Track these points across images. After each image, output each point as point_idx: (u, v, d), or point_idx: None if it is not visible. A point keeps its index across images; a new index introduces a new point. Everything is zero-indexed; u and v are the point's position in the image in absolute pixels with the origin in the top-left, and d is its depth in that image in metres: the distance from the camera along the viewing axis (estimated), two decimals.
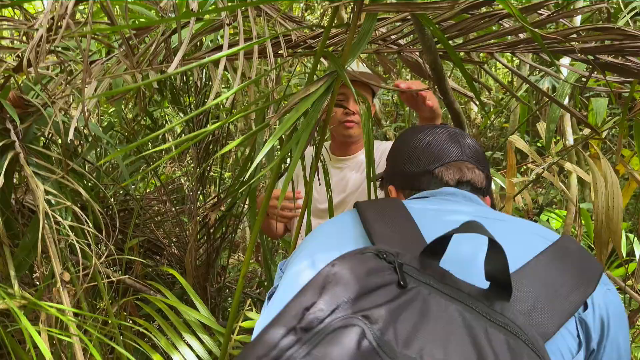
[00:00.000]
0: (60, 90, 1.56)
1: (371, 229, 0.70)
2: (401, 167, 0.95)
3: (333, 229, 0.82)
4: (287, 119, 0.92)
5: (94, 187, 2.12)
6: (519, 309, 0.58)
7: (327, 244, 0.77)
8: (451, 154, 0.91)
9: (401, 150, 0.97)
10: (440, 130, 0.95)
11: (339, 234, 0.79)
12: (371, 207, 0.78)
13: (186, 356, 1.58)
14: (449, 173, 0.90)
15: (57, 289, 1.41)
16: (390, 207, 0.77)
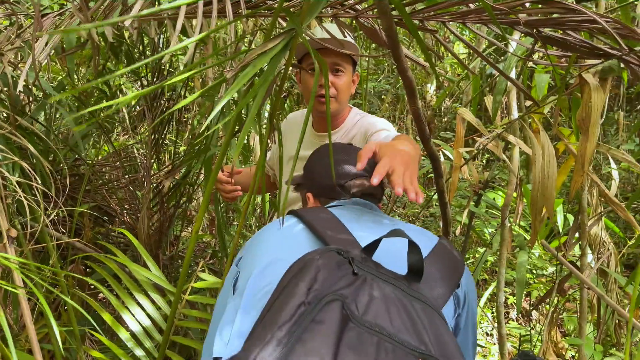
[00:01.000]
0: (10, 42, 1.51)
1: (324, 235, 0.92)
2: (318, 180, 1.21)
3: (288, 234, 1.00)
4: (244, 74, 0.94)
5: (43, 148, 2.06)
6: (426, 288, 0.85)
7: (289, 244, 0.96)
8: (355, 173, 1.17)
9: (318, 165, 1.24)
10: (349, 151, 1.24)
11: (297, 237, 0.97)
12: (314, 218, 0.99)
13: (136, 315, 1.59)
14: (355, 186, 1.17)
15: (4, 245, 1.38)
16: (328, 218, 0.99)
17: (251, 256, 0.98)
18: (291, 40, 0.97)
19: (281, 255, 0.92)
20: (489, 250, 2.18)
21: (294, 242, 0.97)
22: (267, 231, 1.04)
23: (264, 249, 0.98)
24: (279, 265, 0.84)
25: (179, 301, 1.37)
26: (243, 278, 0.93)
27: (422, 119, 1.30)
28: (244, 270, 0.95)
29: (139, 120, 4.52)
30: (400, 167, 0.99)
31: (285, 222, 1.04)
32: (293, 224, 1.02)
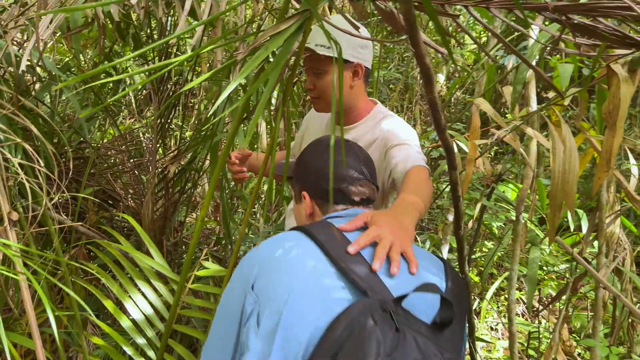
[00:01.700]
0: (14, 19, 1.47)
1: (351, 274, 0.90)
2: (314, 180, 1.16)
3: (310, 268, 0.93)
4: (256, 56, 0.89)
5: (47, 130, 2.02)
6: (448, 332, 0.90)
7: (317, 285, 0.91)
8: (355, 175, 1.15)
9: (314, 164, 1.17)
10: (349, 150, 1.19)
11: (323, 275, 0.92)
12: (336, 250, 0.94)
13: (138, 303, 1.56)
14: (354, 191, 1.14)
15: (4, 228, 1.35)
16: (340, 242, 0.96)
17: (272, 288, 0.92)
18: (305, 22, 0.92)
19: (312, 300, 0.89)
20: (498, 245, 2.13)
21: (324, 285, 0.91)
22: (285, 257, 0.96)
23: (288, 284, 0.91)
24: (312, 315, 0.87)
25: (182, 289, 1.34)
26: (269, 319, 0.89)
27: (438, 108, 1.25)
28: (268, 307, 0.90)
29: (145, 103, 4.49)
30: (388, 237, 0.96)
31: (299, 244, 0.98)
32: (312, 252, 0.96)
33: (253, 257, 1.00)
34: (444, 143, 1.34)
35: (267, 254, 0.98)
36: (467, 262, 1.74)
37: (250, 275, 0.95)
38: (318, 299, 0.89)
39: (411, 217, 1.09)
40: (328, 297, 0.89)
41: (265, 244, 1.02)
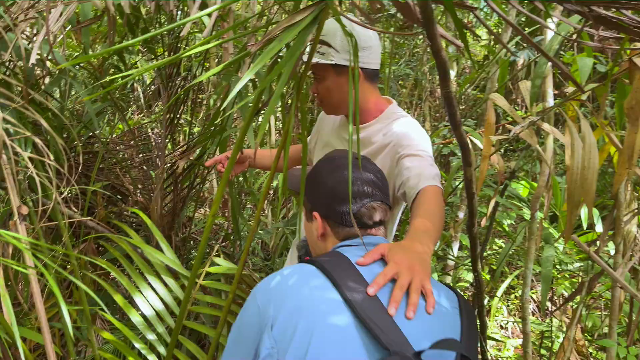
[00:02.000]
0: (24, 12, 1.45)
1: (370, 325, 0.88)
2: (326, 201, 1.12)
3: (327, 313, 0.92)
4: (270, 48, 0.87)
5: (57, 124, 2.02)
6: None
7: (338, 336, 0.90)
8: (367, 195, 1.11)
9: (326, 184, 1.13)
10: (365, 168, 1.15)
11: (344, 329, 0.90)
12: (350, 287, 0.93)
13: (149, 298, 1.55)
14: (367, 215, 1.11)
15: (14, 222, 1.34)
16: (360, 283, 0.95)
17: (291, 335, 0.91)
18: (321, 13, 0.90)
19: (333, 353, 0.89)
20: (510, 243, 2.10)
21: (344, 337, 0.90)
22: (304, 301, 0.95)
23: (308, 332, 0.90)
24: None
25: (193, 286, 1.33)
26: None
27: (454, 103, 1.22)
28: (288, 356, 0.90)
29: (154, 99, 4.48)
30: (406, 275, 0.96)
31: (317, 285, 0.96)
32: (331, 296, 0.94)
33: (269, 293, 0.98)
34: (459, 139, 1.32)
35: (284, 294, 0.96)
36: (480, 260, 1.72)
37: (266, 315, 0.94)
38: (340, 352, 0.89)
39: (428, 249, 1.08)
40: (349, 350, 0.89)
41: (281, 280, 0.99)
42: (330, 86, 1.55)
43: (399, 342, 0.87)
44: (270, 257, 3.39)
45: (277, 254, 3.32)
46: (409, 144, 1.49)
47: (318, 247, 1.17)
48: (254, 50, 0.89)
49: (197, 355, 1.59)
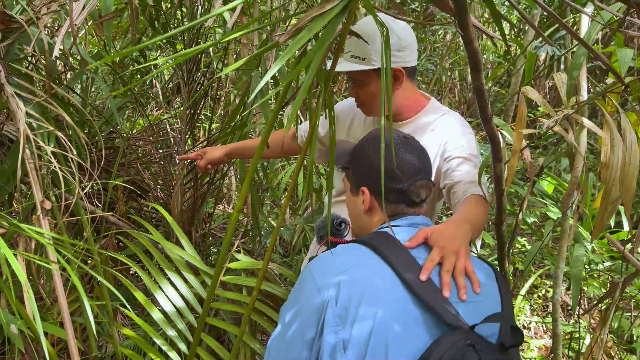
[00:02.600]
0: (46, 4, 1.45)
1: (431, 304, 0.95)
2: (376, 177, 1.13)
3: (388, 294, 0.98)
4: (299, 38, 0.84)
5: (79, 119, 2.01)
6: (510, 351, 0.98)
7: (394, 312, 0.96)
8: (416, 174, 1.13)
9: (375, 161, 1.15)
10: (410, 147, 1.16)
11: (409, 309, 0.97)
12: (406, 269, 0.99)
13: (169, 294, 1.54)
14: (416, 193, 1.14)
15: (37, 217, 1.33)
16: (410, 262, 1.01)
17: (354, 309, 0.96)
18: (351, 2, 0.87)
19: (399, 333, 0.95)
20: (539, 242, 2.05)
21: (407, 316, 0.97)
22: (364, 283, 0.99)
23: (372, 315, 0.95)
24: (399, 349, 0.94)
25: (216, 283, 1.31)
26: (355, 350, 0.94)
27: (485, 96, 1.18)
28: (353, 340, 0.94)
29: (173, 94, 4.49)
30: (451, 258, 1.03)
31: (368, 259, 1.02)
32: (389, 277, 0.99)
33: (327, 273, 1.01)
34: (489, 133, 1.27)
35: (343, 273, 1.00)
36: (507, 259, 1.67)
37: (327, 294, 0.97)
38: (404, 331, 0.95)
39: (467, 233, 1.14)
40: (412, 325, 0.96)
41: (337, 259, 1.04)
42: (374, 90, 1.53)
43: (456, 319, 0.95)
44: (289, 254, 3.37)
45: (296, 251, 3.30)
46: (460, 146, 1.49)
47: (362, 221, 1.21)
48: (283, 41, 0.87)
49: (217, 352, 1.58)
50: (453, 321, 0.94)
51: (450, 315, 0.95)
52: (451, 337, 0.92)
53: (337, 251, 1.07)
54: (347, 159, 1.24)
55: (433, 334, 0.95)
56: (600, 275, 2.75)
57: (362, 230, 1.23)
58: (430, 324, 0.96)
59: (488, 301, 1.06)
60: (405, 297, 0.97)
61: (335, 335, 0.95)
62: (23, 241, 1.49)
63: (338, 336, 0.94)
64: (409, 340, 0.95)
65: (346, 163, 1.23)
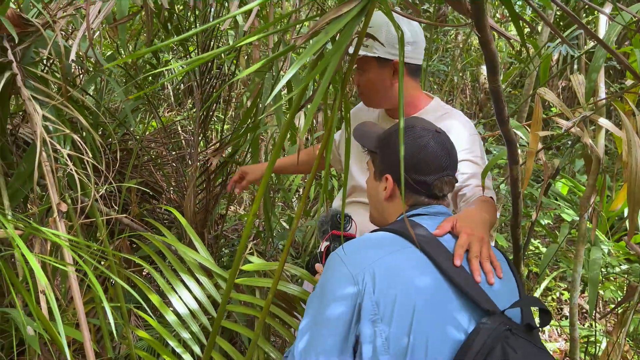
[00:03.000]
0: (62, 9, 1.46)
1: (463, 287, 0.98)
2: (406, 168, 1.12)
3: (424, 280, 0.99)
4: (316, 40, 0.84)
5: (93, 121, 2.03)
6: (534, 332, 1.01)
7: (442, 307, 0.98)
8: (443, 169, 1.13)
9: (406, 150, 1.13)
10: (440, 141, 1.15)
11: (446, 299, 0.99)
12: (439, 256, 1.00)
13: (184, 298, 1.54)
14: (439, 187, 1.14)
15: (54, 219, 1.34)
16: (440, 249, 1.03)
17: (392, 295, 0.96)
18: (369, 4, 0.86)
19: (439, 321, 0.97)
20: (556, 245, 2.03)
21: (446, 304, 0.99)
22: (400, 270, 1.00)
23: (407, 294, 0.97)
24: (440, 336, 0.95)
25: (231, 286, 1.31)
26: (397, 341, 0.94)
27: (502, 98, 1.17)
28: (394, 327, 0.95)
29: (185, 96, 4.51)
30: (477, 244, 1.06)
31: (399, 246, 1.03)
32: (423, 264, 1.01)
33: (360, 261, 1.00)
34: (505, 135, 1.26)
35: (376, 259, 1.00)
36: (522, 261, 1.66)
37: (362, 282, 0.97)
38: (443, 317, 0.97)
39: (486, 223, 1.19)
40: (452, 314, 0.97)
41: (368, 247, 1.05)
42: (373, 79, 1.55)
43: (492, 304, 0.97)
44: (300, 255, 3.37)
45: (307, 252, 3.29)
46: (466, 148, 1.49)
47: (382, 207, 1.21)
48: (300, 44, 0.86)
49: (231, 355, 1.57)
50: (490, 306, 0.96)
51: (487, 300, 0.97)
52: (492, 322, 0.94)
53: (367, 239, 1.07)
54: (375, 143, 1.23)
55: (471, 319, 0.97)
56: (617, 277, 2.71)
57: (380, 216, 1.24)
58: (467, 310, 0.98)
59: (508, 285, 1.09)
60: (441, 284, 0.98)
61: (373, 324, 0.94)
62: (39, 243, 1.50)
63: (377, 325, 0.94)
64: (448, 326, 0.96)
65: (374, 148, 1.23)
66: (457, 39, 5.15)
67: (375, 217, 1.27)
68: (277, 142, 0.97)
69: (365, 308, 0.95)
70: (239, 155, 2.69)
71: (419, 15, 1.25)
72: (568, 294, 3.20)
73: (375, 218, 1.27)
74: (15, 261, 1.71)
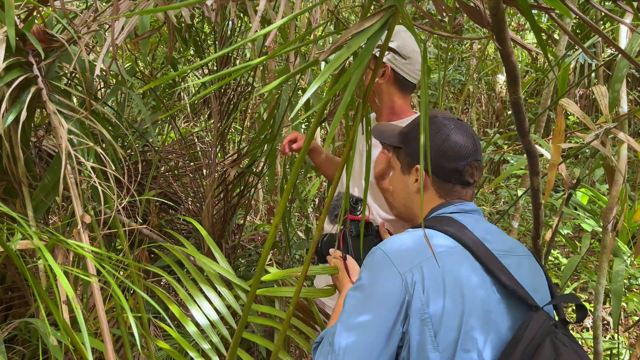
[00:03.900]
0: (87, 25, 1.49)
1: (514, 288, 0.99)
2: (434, 157, 1.13)
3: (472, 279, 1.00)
4: (337, 56, 0.85)
5: (114, 134, 2.06)
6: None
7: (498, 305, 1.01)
8: (472, 154, 1.13)
9: (433, 141, 1.14)
10: (463, 129, 1.15)
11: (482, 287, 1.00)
12: (483, 253, 1.02)
13: (204, 309, 1.55)
14: (470, 173, 1.13)
15: (77, 231, 1.37)
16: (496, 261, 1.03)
17: (441, 291, 0.97)
18: (390, 19, 0.87)
19: (488, 318, 0.99)
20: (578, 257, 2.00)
21: (494, 301, 1.01)
22: (438, 256, 1.00)
23: (455, 290, 0.98)
24: (488, 331, 0.98)
25: (252, 298, 1.31)
26: (446, 337, 0.96)
27: (523, 110, 1.17)
28: (443, 326, 0.96)
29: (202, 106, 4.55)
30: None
31: (444, 243, 1.04)
32: (468, 261, 1.02)
33: (406, 259, 1.01)
34: (526, 147, 1.26)
35: (421, 257, 1.00)
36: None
37: (410, 280, 0.97)
38: (491, 315, 0.98)
39: None
40: (499, 311, 0.99)
41: (412, 244, 1.04)
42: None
43: (530, 297, 0.98)
44: (317, 264, 3.37)
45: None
46: None
47: (411, 200, 1.21)
48: (322, 59, 0.87)
49: None
50: (534, 303, 0.98)
51: (530, 296, 0.99)
52: (538, 319, 0.96)
53: (414, 236, 1.06)
54: (398, 138, 1.23)
55: (517, 316, 1.00)
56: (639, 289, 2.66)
57: (407, 209, 1.23)
58: (513, 307, 1.00)
59: (540, 281, 1.11)
60: (487, 281, 1.00)
61: (422, 322, 0.95)
62: (62, 254, 1.53)
63: (426, 323, 0.95)
64: (496, 322, 0.98)
65: (398, 142, 1.23)
66: (472, 47, 5.14)
67: (402, 211, 1.26)
68: (300, 154, 0.98)
69: (414, 307, 0.96)
70: (255, 166, 2.71)
71: (437, 27, 1.26)
72: (589, 305, 3.15)
73: (402, 213, 1.27)
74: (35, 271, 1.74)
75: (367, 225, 1.44)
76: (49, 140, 2.12)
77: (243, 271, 3.00)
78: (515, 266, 1.04)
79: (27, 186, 1.61)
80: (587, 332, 2.98)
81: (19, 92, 1.51)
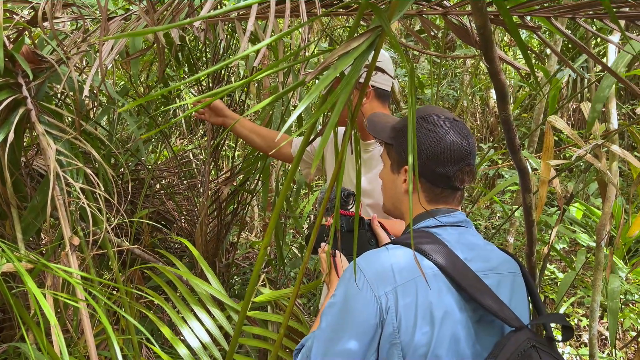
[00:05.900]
0: (76, 46, 1.49)
1: (482, 302, 0.97)
2: (424, 160, 1.07)
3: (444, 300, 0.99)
4: (324, 77, 0.84)
5: (106, 153, 2.05)
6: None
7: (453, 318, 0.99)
8: (464, 158, 1.07)
9: (426, 142, 1.07)
10: (459, 129, 1.09)
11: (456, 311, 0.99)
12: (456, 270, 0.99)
13: (195, 330, 1.53)
14: (460, 179, 1.08)
15: (66, 253, 1.35)
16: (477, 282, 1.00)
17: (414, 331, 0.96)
18: (377, 39, 0.87)
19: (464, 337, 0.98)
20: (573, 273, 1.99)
21: (471, 328, 1.00)
22: (413, 275, 0.98)
23: (426, 311, 0.97)
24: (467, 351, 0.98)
25: (243, 320, 1.29)
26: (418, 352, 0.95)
27: (513, 127, 1.17)
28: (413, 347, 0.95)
29: (196, 124, 4.55)
30: None
31: (424, 267, 1.00)
32: (436, 275, 1.00)
33: (381, 278, 0.98)
34: (517, 164, 1.25)
35: (395, 277, 0.98)
36: (538, 288, 1.62)
37: (383, 299, 0.96)
38: (468, 340, 0.98)
39: None
40: (477, 337, 0.99)
41: (385, 263, 1.01)
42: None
43: (517, 320, 0.97)
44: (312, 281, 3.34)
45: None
46: None
47: (399, 200, 1.16)
48: (309, 79, 0.87)
49: None
50: (517, 323, 0.97)
51: (514, 318, 0.97)
52: (516, 339, 0.95)
53: (392, 256, 1.02)
54: (390, 134, 1.16)
55: (495, 336, 1.00)
56: (635, 303, 2.65)
57: (396, 208, 1.18)
58: (494, 328, 1.00)
59: (520, 297, 1.10)
60: (466, 304, 0.99)
61: (392, 346, 0.94)
62: (51, 277, 1.50)
63: (397, 347, 0.94)
64: (467, 350, 0.97)
65: (389, 139, 1.16)
66: (465, 63, 5.17)
67: (391, 209, 1.21)
68: (289, 175, 0.97)
69: (385, 332, 0.95)
70: (249, 183, 2.69)
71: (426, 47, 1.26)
72: (586, 320, 3.13)
73: (391, 210, 1.21)
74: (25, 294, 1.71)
75: (359, 219, 1.40)
76: (39, 160, 2.11)
77: (238, 289, 2.97)
78: (495, 286, 1.01)
79: (16, 207, 1.59)
80: (584, 348, 2.95)
81: (8, 113, 1.50)
